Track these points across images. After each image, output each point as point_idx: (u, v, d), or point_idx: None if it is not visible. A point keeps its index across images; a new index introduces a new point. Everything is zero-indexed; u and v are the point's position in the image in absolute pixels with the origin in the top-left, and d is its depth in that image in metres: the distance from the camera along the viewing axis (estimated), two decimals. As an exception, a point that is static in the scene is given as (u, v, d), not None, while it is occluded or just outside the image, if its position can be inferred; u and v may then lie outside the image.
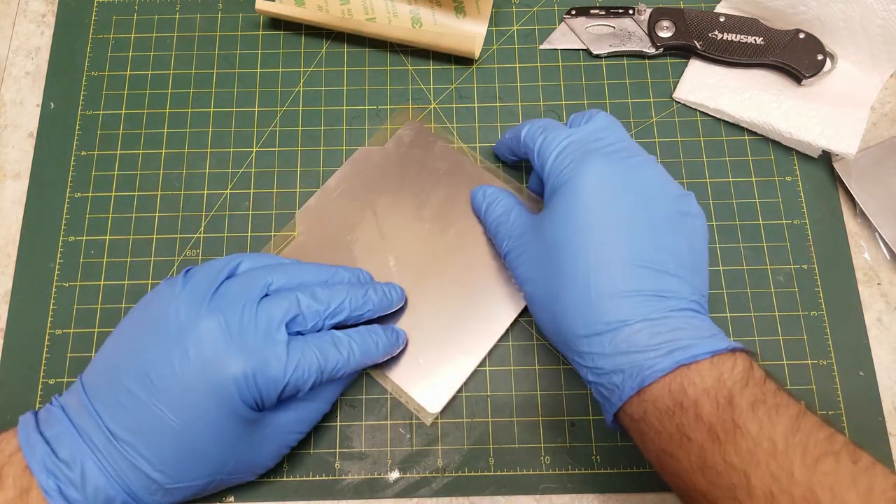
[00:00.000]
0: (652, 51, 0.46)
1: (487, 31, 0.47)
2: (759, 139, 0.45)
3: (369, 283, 0.38)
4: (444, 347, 0.39)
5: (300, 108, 0.46)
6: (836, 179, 0.44)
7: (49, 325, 0.41)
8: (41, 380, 0.40)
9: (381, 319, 0.38)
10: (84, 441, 0.31)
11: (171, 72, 0.47)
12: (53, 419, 0.32)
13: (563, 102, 0.46)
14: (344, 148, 0.45)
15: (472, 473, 0.38)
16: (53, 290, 0.42)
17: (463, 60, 0.47)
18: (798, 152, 0.44)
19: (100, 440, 0.31)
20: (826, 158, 0.44)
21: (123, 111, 0.46)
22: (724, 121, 0.45)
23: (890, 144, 0.44)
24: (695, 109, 0.45)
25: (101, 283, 0.42)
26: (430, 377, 0.39)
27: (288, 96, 0.46)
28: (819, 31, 0.45)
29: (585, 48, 0.47)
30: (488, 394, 0.40)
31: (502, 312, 0.40)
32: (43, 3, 0.49)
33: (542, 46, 0.47)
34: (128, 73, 0.47)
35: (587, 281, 0.31)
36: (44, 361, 0.40)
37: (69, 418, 0.32)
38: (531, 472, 0.38)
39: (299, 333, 0.34)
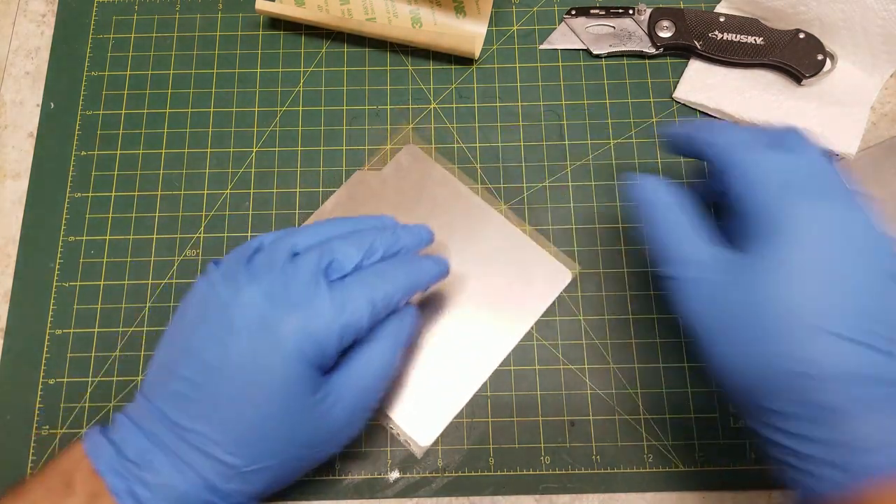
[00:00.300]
0: (652, 51, 0.46)
1: (487, 31, 0.47)
2: (759, 139, 0.45)
3: (397, 225, 0.36)
4: (438, 380, 0.39)
5: (300, 108, 0.46)
6: (836, 179, 0.44)
7: (49, 325, 0.41)
8: (41, 380, 0.40)
9: None
10: (150, 440, 0.30)
11: (171, 72, 0.47)
12: (118, 426, 0.32)
13: (563, 102, 0.46)
14: (344, 148, 0.45)
15: (472, 473, 0.38)
16: (53, 290, 0.42)
17: (463, 60, 0.47)
18: (798, 152, 0.44)
19: (166, 436, 0.30)
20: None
21: (123, 111, 0.46)
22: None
23: (890, 144, 0.44)
24: (695, 109, 0.45)
25: (101, 283, 0.42)
26: (422, 410, 0.39)
27: (288, 96, 0.46)
28: (819, 31, 0.45)
29: (585, 48, 0.47)
30: (488, 394, 0.40)
31: (497, 346, 0.40)
32: (43, 3, 0.49)
33: (542, 46, 0.47)
34: (128, 73, 0.47)
35: (805, 358, 0.27)
36: (44, 361, 0.40)
37: (133, 422, 0.31)
38: (531, 472, 0.38)
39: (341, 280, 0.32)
